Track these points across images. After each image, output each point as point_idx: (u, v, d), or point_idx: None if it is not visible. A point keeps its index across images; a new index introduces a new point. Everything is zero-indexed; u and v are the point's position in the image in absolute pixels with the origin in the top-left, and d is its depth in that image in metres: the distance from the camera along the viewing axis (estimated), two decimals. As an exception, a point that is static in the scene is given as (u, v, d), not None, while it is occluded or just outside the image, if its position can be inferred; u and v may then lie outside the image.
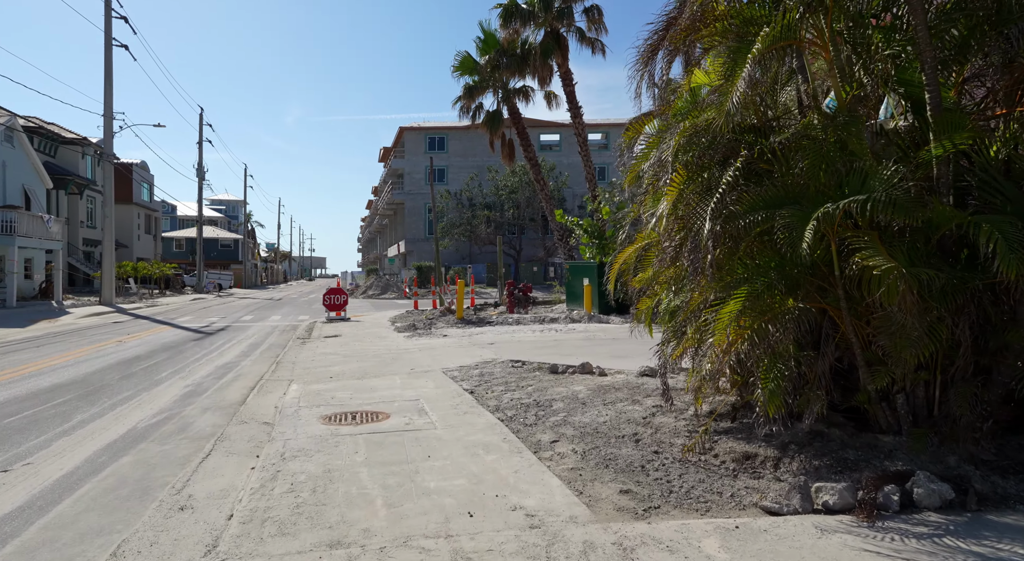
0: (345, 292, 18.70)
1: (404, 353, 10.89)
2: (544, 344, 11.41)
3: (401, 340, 13.06)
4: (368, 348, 11.74)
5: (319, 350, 11.67)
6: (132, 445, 5.44)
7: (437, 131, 54.23)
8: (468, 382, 7.84)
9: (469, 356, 10.13)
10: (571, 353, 10.03)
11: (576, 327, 14.02)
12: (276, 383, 8.28)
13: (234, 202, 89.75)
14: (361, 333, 14.64)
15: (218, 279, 47.66)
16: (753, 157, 4.11)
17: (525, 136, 19.40)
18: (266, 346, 12.86)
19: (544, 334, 13.07)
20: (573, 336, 12.58)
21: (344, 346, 12.18)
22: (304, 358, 10.59)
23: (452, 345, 11.74)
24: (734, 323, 3.86)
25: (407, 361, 9.88)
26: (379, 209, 67.96)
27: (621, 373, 7.83)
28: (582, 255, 15.39)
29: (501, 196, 47.82)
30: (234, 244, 67.81)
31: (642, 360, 8.67)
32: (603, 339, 11.85)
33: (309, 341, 13.27)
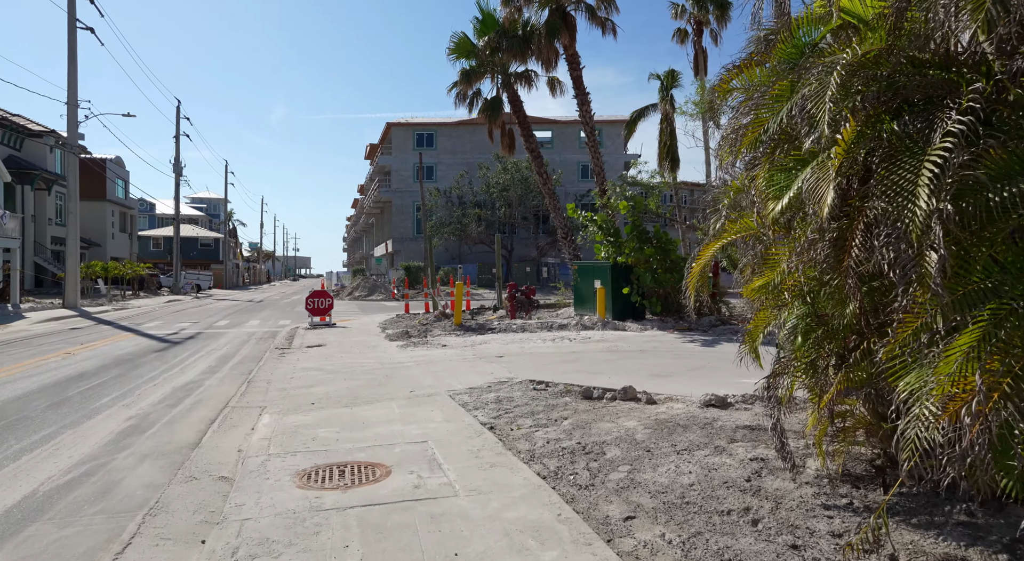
0: (330, 295, 17.05)
1: (399, 368, 9.30)
2: (561, 357, 9.87)
3: (394, 351, 11.46)
4: (357, 362, 10.13)
5: (300, 364, 10.05)
6: (16, 530, 3.77)
7: (426, 127, 52.58)
8: (484, 412, 6.28)
9: (477, 373, 8.57)
10: (598, 370, 8.50)
11: (591, 335, 12.50)
12: (244, 412, 6.67)
13: (215, 200, 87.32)
14: (348, 342, 13.01)
15: (196, 280, 45.58)
16: (987, 96, 2.57)
17: (527, 126, 17.88)
18: (239, 359, 11.19)
19: (558, 344, 11.53)
20: (591, 347, 11.05)
21: (329, 359, 10.56)
22: (281, 375, 8.96)
23: (454, 358, 10.17)
24: (972, 362, 2.33)
25: (404, 380, 8.29)
26: (365, 208, 66.09)
27: (676, 401, 6.30)
28: (596, 254, 13.88)
29: (492, 194, 46.24)
30: (214, 243, 65.56)
31: (690, 382, 7.19)
32: (628, 351, 10.34)
33: (289, 352, 11.63)
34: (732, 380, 7.36)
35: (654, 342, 11.32)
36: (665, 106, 28.21)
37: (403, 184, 51.82)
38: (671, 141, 28.21)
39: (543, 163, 18.18)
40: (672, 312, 13.54)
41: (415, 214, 51.56)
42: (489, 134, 18.74)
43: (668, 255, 13.08)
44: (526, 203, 46.32)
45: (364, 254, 79.80)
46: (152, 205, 79.06)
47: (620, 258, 13.53)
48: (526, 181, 45.56)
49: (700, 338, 11.66)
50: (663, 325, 13.10)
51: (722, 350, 10.18)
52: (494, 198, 46.28)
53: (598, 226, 13.72)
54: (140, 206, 76.79)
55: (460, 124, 52.45)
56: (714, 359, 9.24)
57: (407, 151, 51.70)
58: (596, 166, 17.12)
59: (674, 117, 27.50)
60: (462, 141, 52.38)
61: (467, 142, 52.31)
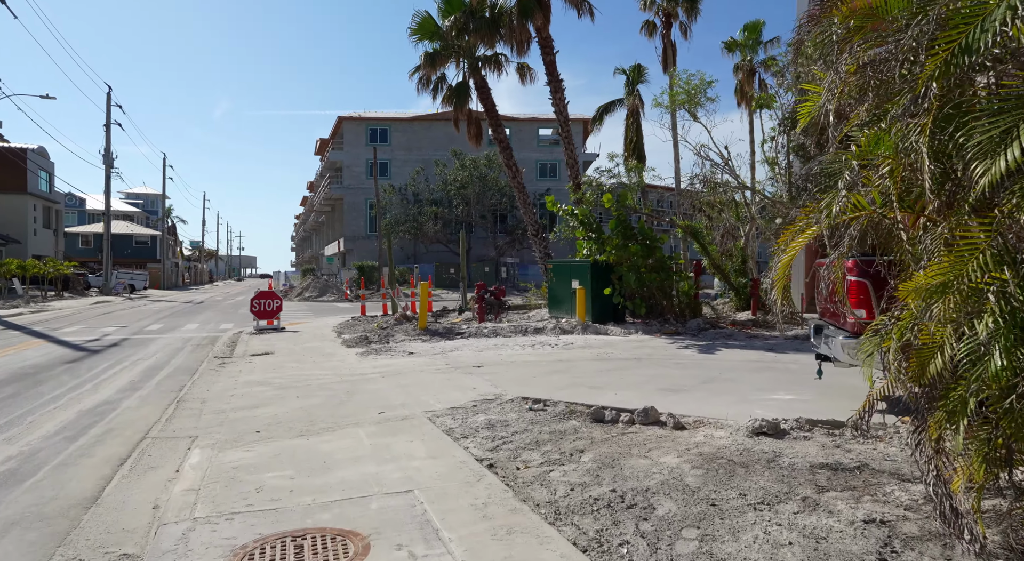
0: (278, 296, 15.42)
1: (362, 381, 7.95)
2: (549, 367, 8.71)
3: (354, 359, 10.08)
4: (311, 373, 8.71)
5: (243, 377, 8.56)
6: None
7: (379, 121, 50.73)
8: (477, 442, 5.05)
9: (457, 388, 7.31)
10: (597, 383, 7.37)
11: (573, 341, 11.39)
12: (168, 446, 5.24)
13: (152, 196, 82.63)
14: (300, 348, 11.52)
15: (130, 279, 42.41)
16: None
17: (495, 115, 16.66)
18: (169, 371, 9.58)
19: (539, 351, 10.36)
20: (577, 354, 9.94)
21: (278, 370, 9.10)
22: (220, 392, 7.49)
23: (425, 368, 8.87)
24: None
25: (370, 396, 6.97)
26: (315, 205, 63.55)
27: (712, 427, 5.21)
28: (578, 252, 12.76)
29: (450, 191, 44.82)
30: (151, 241, 61.77)
31: (712, 398, 6.07)
32: (621, 359, 9.26)
33: (230, 362, 10.08)
34: (757, 396, 6.36)
35: (645, 348, 10.30)
36: (632, 101, 27.54)
37: (355, 181, 49.82)
38: (637, 137, 27.56)
39: (512, 155, 17.00)
40: (656, 315, 12.59)
41: (368, 212, 49.63)
42: (455, 123, 17.44)
43: (653, 253, 12.11)
44: (484, 201, 45.12)
45: (314, 253, 76.96)
46: (82, 200, 74.21)
47: (601, 257, 12.47)
48: (484, 178, 44.34)
49: (694, 343, 10.71)
50: (648, 329, 12.12)
51: (726, 358, 9.22)
52: (451, 196, 44.87)
53: (579, 221, 12.62)
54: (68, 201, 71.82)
55: (416, 119, 50.83)
56: (723, 369, 8.26)
57: (360, 146, 49.75)
58: (569, 159, 16.06)
59: (641, 112, 26.87)
60: (418, 137, 50.77)
61: (423, 138, 50.74)
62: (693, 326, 12.05)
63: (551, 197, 13.47)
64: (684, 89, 16.44)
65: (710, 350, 9.93)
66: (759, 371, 7.88)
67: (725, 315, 13.87)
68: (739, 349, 10.07)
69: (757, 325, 12.75)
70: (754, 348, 10.18)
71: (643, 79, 27.53)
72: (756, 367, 8.24)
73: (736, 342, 10.80)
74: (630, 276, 11.92)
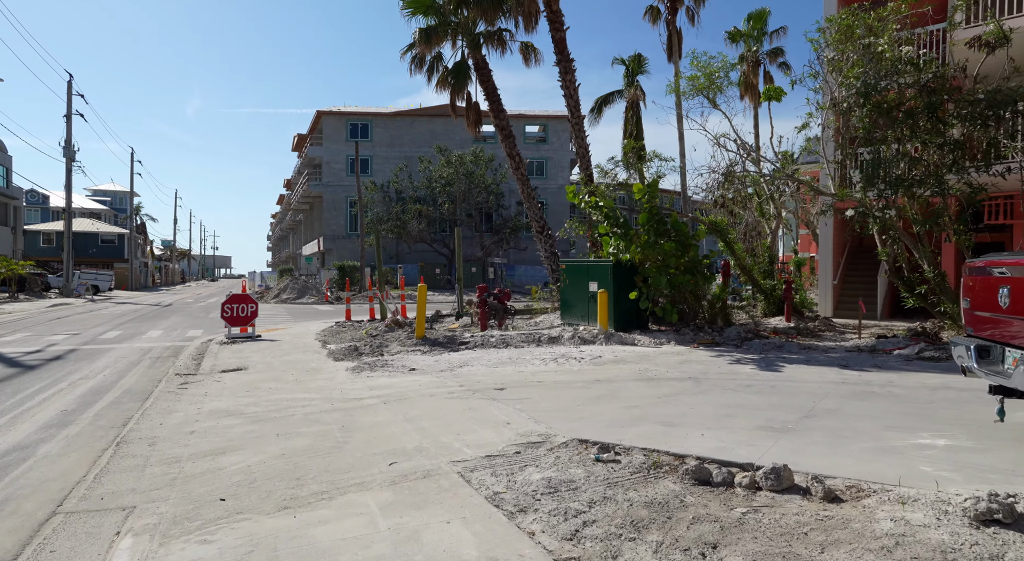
0: (253, 299, 13.63)
1: (360, 410, 6.30)
2: (590, 391, 7.13)
3: (344, 376, 8.41)
4: (294, 398, 7.03)
5: (208, 404, 6.85)
6: None
7: (360, 116, 48.78)
8: (541, 519, 3.47)
9: (483, 421, 5.71)
10: (666, 416, 5.80)
11: (600, 353, 9.82)
12: (87, 528, 3.57)
13: (121, 193, 79.31)
14: (279, 362, 9.80)
15: (93, 280, 39.88)
16: None
17: (496, 98, 15.01)
18: (117, 395, 7.80)
19: (565, 367, 8.78)
20: (613, 371, 8.37)
21: (253, 391, 7.39)
22: (177, 427, 5.79)
23: (435, 390, 7.24)
24: None
25: (373, 435, 5.34)
26: (292, 203, 61.27)
27: (892, 501, 3.62)
28: (603, 249, 11.14)
29: (435, 189, 43.02)
30: (118, 239, 58.92)
31: (841, 446, 4.38)
32: (672, 379, 7.71)
33: (194, 381, 8.33)
34: (898, 441, 4.78)
35: (692, 364, 8.77)
36: (633, 92, 26.11)
37: (335, 178, 47.83)
38: (637, 131, 26.14)
39: (514, 143, 15.37)
40: (686, 322, 11.08)
41: (349, 210, 47.63)
42: (452, 108, 15.76)
43: (687, 251, 10.58)
44: (470, 199, 43.43)
45: (291, 253, 74.50)
46: (45, 197, 71.02)
47: (625, 255, 10.93)
48: (471, 175, 42.66)
49: (745, 358, 9.20)
50: (680, 338, 10.61)
51: (798, 377, 7.68)
52: (436, 193, 43.08)
53: (603, 214, 11.03)
54: (31, 198, 68.63)
55: (398, 114, 48.97)
56: (809, 394, 6.73)
57: (339, 142, 47.78)
58: (580, 148, 14.48)
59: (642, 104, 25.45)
60: (400, 133, 48.94)
61: (405, 134, 48.92)
62: (732, 335, 10.57)
63: (572, 187, 11.88)
64: (704, 72, 15.01)
65: (770, 366, 8.43)
66: (859, 398, 6.37)
67: (757, 321, 12.40)
68: (803, 364, 8.58)
69: (801, 333, 11.31)
70: (820, 363, 8.69)
71: (643, 70, 26.15)
72: (850, 392, 6.73)
73: (792, 355, 9.31)
74: (660, 278, 10.38)
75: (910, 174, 9.06)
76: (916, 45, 11.44)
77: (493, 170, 43.93)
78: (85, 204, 72.28)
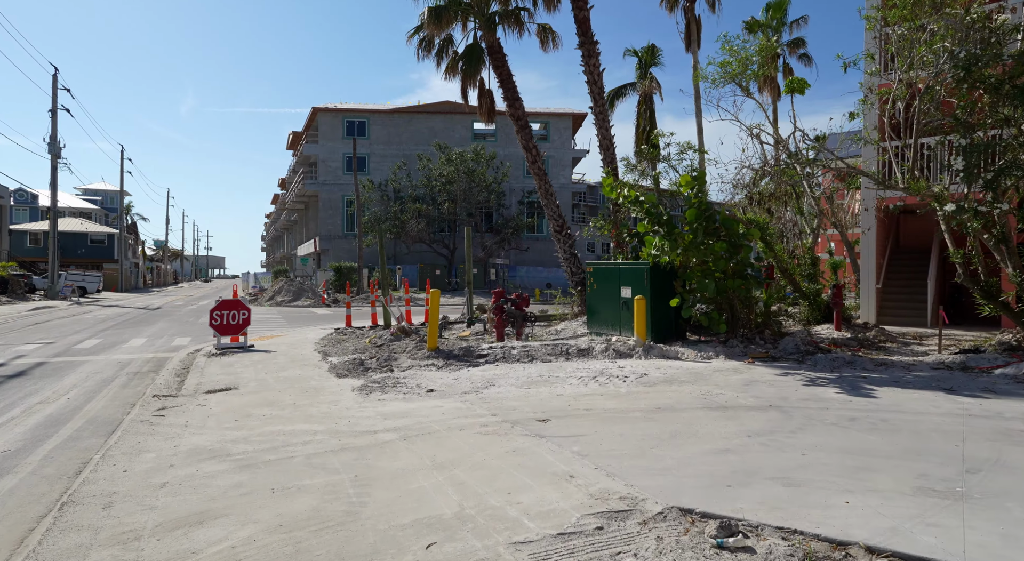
0: (245, 305, 12.32)
1: (376, 451, 5.03)
2: (656, 425, 5.87)
3: (351, 399, 7.14)
4: (293, 431, 5.75)
5: (187, 440, 5.57)
6: None
7: (357, 113, 47.40)
8: None
9: (536, 472, 4.45)
10: (779, 469, 4.55)
11: (644, 370, 8.56)
12: None
13: (112, 192, 77.69)
14: (274, 380, 8.51)
15: (81, 281, 38.39)
16: None
17: (511, 85, 13.75)
18: (76, 427, 6.50)
19: (609, 388, 7.52)
20: (669, 394, 7.12)
21: (243, 423, 6.11)
22: (143, 477, 4.50)
23: (463, 420, 5.97)
24: None
25: (398, 494, 4.07)
26: (287, 203, 59.79)
27: None
28: (645, 249, 9.83)
29: (434, 188, 41.72)
30: (108, 239, 57.36)
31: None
32: (748, 408, 6.46)
33: (175, 406, 7.04)
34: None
35: (760, 385, 7.52)
36: (647, 85, 24.90)
37: (331, 176, 46.44)
38: (651, 125, 24.92)
39: (531, 135, 14.10)
40: (735, 332, 9.84)
41: (345, 209, 46.27)
42: (463, 95, 14.49)
43: (738, 253, 9.35)
44: (471, 198, 42.14)
45: (286, 253, 73.04)
46: (34, 196, 69.50)
47: (664, 258, 9.67)
48: (472, 174, 41.38)
49: (817, 376, 7.95)
50: (729, 351, 9.37)
51: (908, 405, 6.34)
52: (436, 192, 41.77)
53: (644, 211, 9.76)
54: (18, 197, 67.05)
55: (396, 112, 47.65)
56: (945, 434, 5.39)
57: (336, 140, 46.41)
58: (604, 140, 13.20)
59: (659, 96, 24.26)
60: (398, 130, 47.60)
61: (404, 131, 47.59)
62: (789, 348, 9.33)
63: (609, 179, 10.57)
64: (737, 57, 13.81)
65: (857, 390, 7.16)
66: (1012, 440, 5.09)
67: (810, 331, 11.16)
68: (894, 386, 7.30)
69: (863, 345, 10.09)
70: (914, 385, 7.33)
71: (657, 62, 24.94)
72: (990, 430, 5.36)
73: (872, 374, 8.03)
74: (707, 283, 9.14)
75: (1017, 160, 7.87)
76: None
77: (495, 168, 42.67)
78: (75, 203, 70.72)
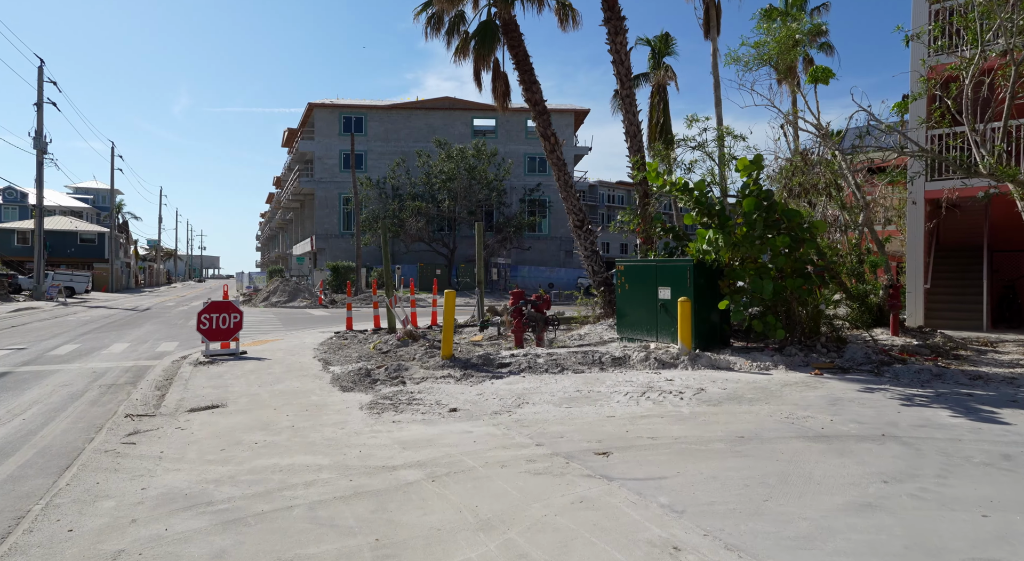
0: (237, 308, 11.11)
1: (397, 498, 3.86)
2: (753, 465, 4.72)
3: (361, 422, 5.96)
4: (292, 468, 4.57)
5: (159, 481, 4.39)
6: None
7: (354, 109, 46.17)
8: None
9: (620, 543, 3.29)
10: (966, 549, 3.41)
11: (698, 384, 7.41)
12: None
13: (104, 191, 76.15)
14: (269, 395, 7.32)
15: (69, 281, 37.02)
16: None
17: (527, 66, 12.57)
18: (25, 459, 5.30)
19: (666, 408, 6.36)
20: (743, 418, 5.97)
21: (230, 453, 4.92)
22: (91, 543, 3.31)
23: (502, 454, 4.81)
24: None
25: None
26: (282, 201, 58.47)
27: None
28: (696, 243, 8.61)
29: (434, 185, 40.51)
30: (99, 238, 55.95)
31: None
32: (858, 437, 5.31)
33: (149, 431, 5.85)
34: None
35: (850, 405, 6.36)
36: (660, 75, 23.77)
37: (328, 174, 45.18)
38: (664, 118, 23.78)
39: (549, 121, 12.95)
40: (794, 338, 8.69)
41: (342, 207, 45.01)
42: (475, 77, 13.31)
43: (799, 247, 8.19)
44: (471, 196, 40.93)
45: (281, 253, 71.67)
46: (24, 194, 67.95)
47: (710, 255, 8.50)
48: (472, 170, 40.19)
49: (912, 393, 6.79)
50: (787, 360, 8.22)
51: None
52: (435, 189, 40.58)
53: (694, 200, 8.57)
54: (7, 195, 65.61)
55: (394, 108, 46.42)
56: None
57: (332, 136, 45.16)
58: (630, 124, 12.05)
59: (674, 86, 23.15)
60: (396, 127, 46.37)
61: (402, 128, 46.36)
62: (858, 357, 8.19)
63: (654, 164, 9.38)
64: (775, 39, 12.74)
65: (975, 412, 5.98)
66: None
67: (883, 341, 10.00)
68: (1014, 407, 6.13)
69: (936, 352, 8.96)
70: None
71: (671, 51, 23.81)
72: None
73: (977, 390, 6.84)
74: (764, 283, 7.98)
75: None
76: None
77: (496, 165, 41.50)
78: (65, 202, 69.25)
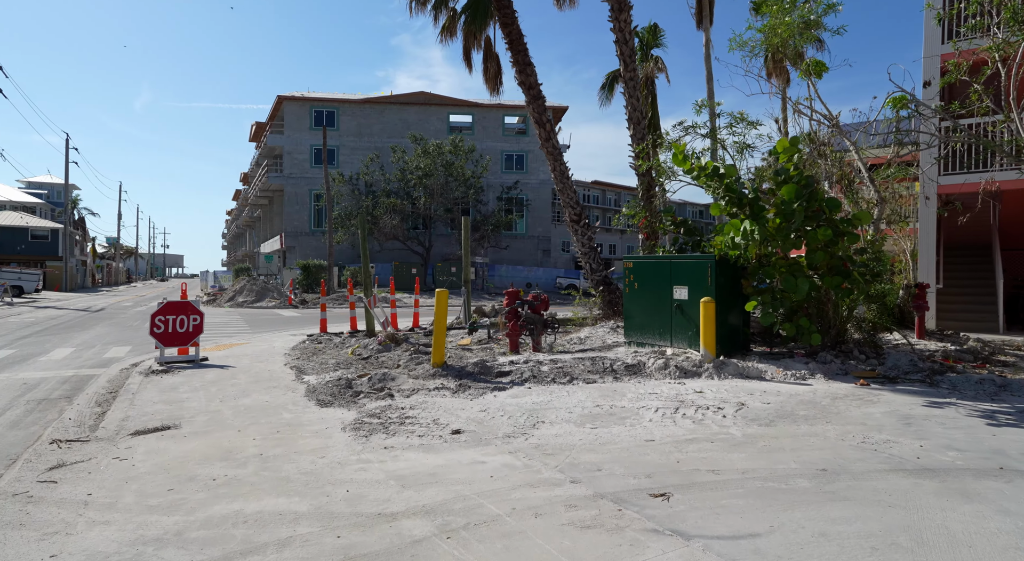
0: (197, 308, 9.83)
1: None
2: (862, 515, 3.76)
3: (345, 448, 4.84)
4: (261, 520, 3.43)
5: (75, 544, 3.21)
6: None
7: (325, 103, 44.59)
8: None
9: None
10: None
11: (736, 397, 6.46)
12: None
13: (58, 186, 72.71)
14: (232, 413, 6.12)
15: (16, 280, 34.68)
16: None
17: (521, 46, 11.52)
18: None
19: (708, 428, 5.38)
20: (807, 442, 5.02)
21: (178, 501, 3.75)
22: None
23: (530, 494, 3.75)
24: None
25: None
26: (250, 198, 56.38)
27: None
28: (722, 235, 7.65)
29: (409, 182, 39.19)
30: (52, 235, 53.12)
31: None
32: (969, 471, 4.40)
33: (76, 464, 4.65)
34: None
35: (924, 423, 5.47)
36: (649, 66, 22.98)
37: (298, 169, 43.50)
38: (653, 111, 23.01)
39: (544, 106, 11.93)
40: (830, 344, 7.81)
41: (313, 204, 43.37)
42: (465, 57, 12.20)
43: (839, 242, 7.30)
44: (448, 194, 39.73)
45: (249, 252, 69.32)
46: (-29, 189, 64.39)
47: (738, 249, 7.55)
48: (450, 167, 39.00)
49: (988, 407, 5.93)
50: (824, 368, 7.35)
51: None
52: (411, 186, 39.28)
53: (725, 187, 7.60)
54: (-49, 189, 62.06)
55: (367, 102, 44.95)
56: None
57: (303, 131, 43.52)
58: (633, 109, 11.10)
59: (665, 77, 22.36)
60: (370, 121, 44.92)
61: (375, 123, 44.92)
62: (902, 364, 7.36)
63: (682, 145, 8.35)
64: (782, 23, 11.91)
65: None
66: None
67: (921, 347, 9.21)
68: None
69: (979, 358, 8.20)
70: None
71: (659, 42, 23.03)
72: None
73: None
74: (798, 282, 7.08)
75: None
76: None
77: (473, 162, 40.40)
78: (16, 197, 65.81)
